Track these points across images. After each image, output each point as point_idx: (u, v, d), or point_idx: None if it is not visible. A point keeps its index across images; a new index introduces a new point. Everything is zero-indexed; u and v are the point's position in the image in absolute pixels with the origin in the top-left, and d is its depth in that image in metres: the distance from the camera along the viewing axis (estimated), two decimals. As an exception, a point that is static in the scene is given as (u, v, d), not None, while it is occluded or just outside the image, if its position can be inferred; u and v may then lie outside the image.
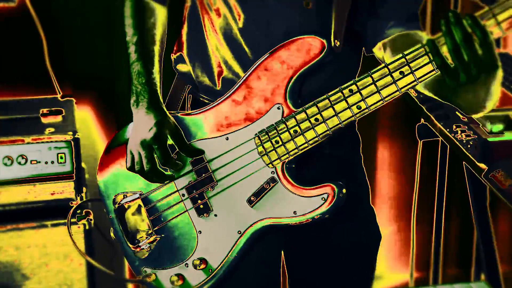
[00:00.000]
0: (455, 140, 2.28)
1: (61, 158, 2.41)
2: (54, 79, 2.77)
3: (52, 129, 2.51)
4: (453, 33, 1.51)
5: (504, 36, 2.52)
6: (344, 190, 1.76)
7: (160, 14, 1.92)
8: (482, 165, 2.14)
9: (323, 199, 1.75)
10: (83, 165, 2.61)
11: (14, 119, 2.50)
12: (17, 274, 2.46)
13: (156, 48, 1.91)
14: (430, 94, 1.70)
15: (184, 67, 1.93)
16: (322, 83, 1.76)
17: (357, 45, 1.88)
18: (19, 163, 2.38)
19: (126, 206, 1.88)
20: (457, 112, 2.27)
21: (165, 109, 1.80)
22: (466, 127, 2.23)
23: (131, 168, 1.81)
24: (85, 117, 2.89)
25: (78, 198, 2.46)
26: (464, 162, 2.40)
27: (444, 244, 3.27)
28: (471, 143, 2.19)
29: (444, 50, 1.56)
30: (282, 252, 1.98)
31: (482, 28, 1.51)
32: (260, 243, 1.82)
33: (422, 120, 2.66)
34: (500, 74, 1.57)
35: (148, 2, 1.93)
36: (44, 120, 2.56)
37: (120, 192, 1.92)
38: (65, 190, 2.48)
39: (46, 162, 2.42)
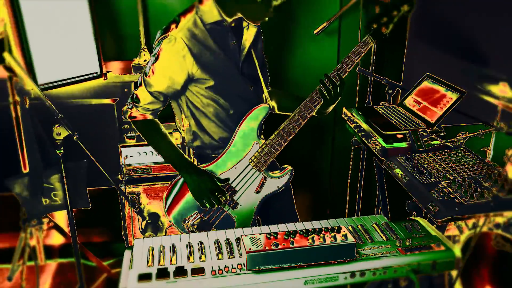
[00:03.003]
0: (370, 147, 3.06)
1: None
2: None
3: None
4: (326, 84, 2.27)
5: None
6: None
7: (159, 123, 2.59)
8: (383, 159, 2.87)
9: (288, 174, 2.60)
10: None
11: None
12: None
13: (173, 143, 2.49)
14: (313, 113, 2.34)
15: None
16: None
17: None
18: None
19: (195, 222, 2.58)
20: (371, 132, 3.06)
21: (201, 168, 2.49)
22: (374, 140, 3.02)
23: (208, 206, 2.43)
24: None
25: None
26: (374, 158, 3.26)
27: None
28: (377, 147, 2.96)
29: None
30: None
31: (341, 78, 2.28)
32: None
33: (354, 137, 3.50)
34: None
35: (154, 121, 2.51)
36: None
37: (185, 217, 2.58)
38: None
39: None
